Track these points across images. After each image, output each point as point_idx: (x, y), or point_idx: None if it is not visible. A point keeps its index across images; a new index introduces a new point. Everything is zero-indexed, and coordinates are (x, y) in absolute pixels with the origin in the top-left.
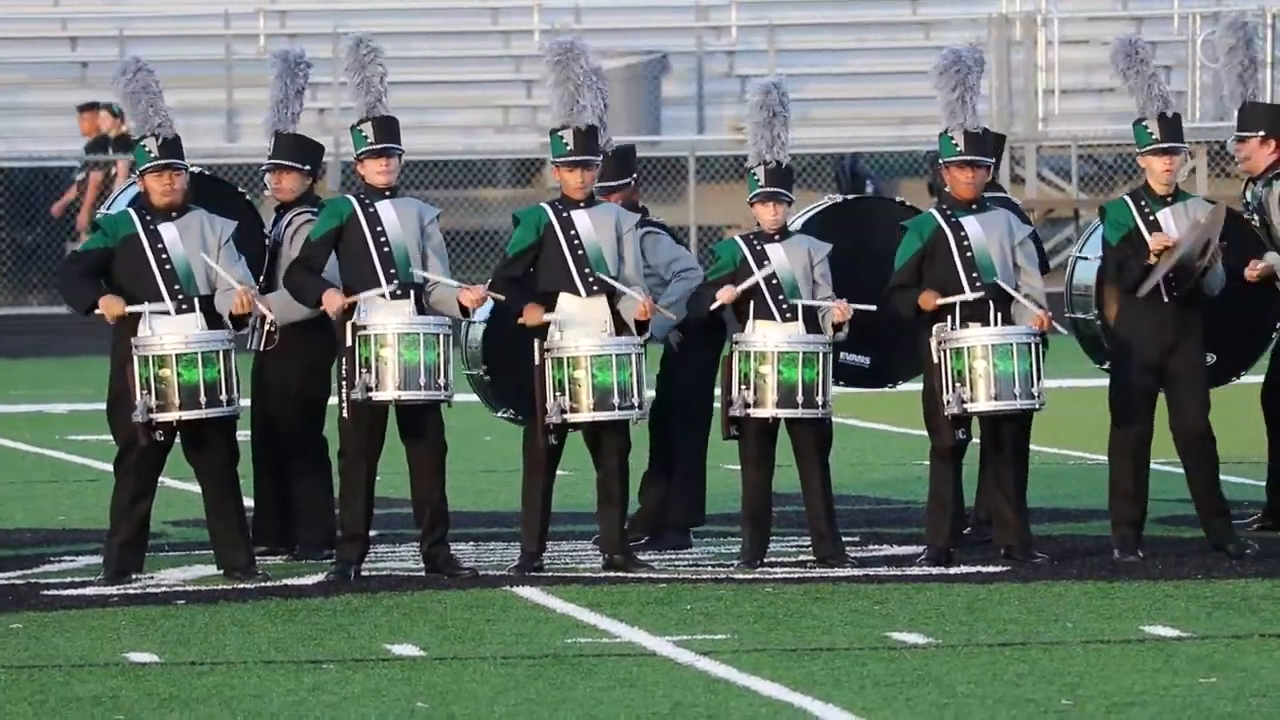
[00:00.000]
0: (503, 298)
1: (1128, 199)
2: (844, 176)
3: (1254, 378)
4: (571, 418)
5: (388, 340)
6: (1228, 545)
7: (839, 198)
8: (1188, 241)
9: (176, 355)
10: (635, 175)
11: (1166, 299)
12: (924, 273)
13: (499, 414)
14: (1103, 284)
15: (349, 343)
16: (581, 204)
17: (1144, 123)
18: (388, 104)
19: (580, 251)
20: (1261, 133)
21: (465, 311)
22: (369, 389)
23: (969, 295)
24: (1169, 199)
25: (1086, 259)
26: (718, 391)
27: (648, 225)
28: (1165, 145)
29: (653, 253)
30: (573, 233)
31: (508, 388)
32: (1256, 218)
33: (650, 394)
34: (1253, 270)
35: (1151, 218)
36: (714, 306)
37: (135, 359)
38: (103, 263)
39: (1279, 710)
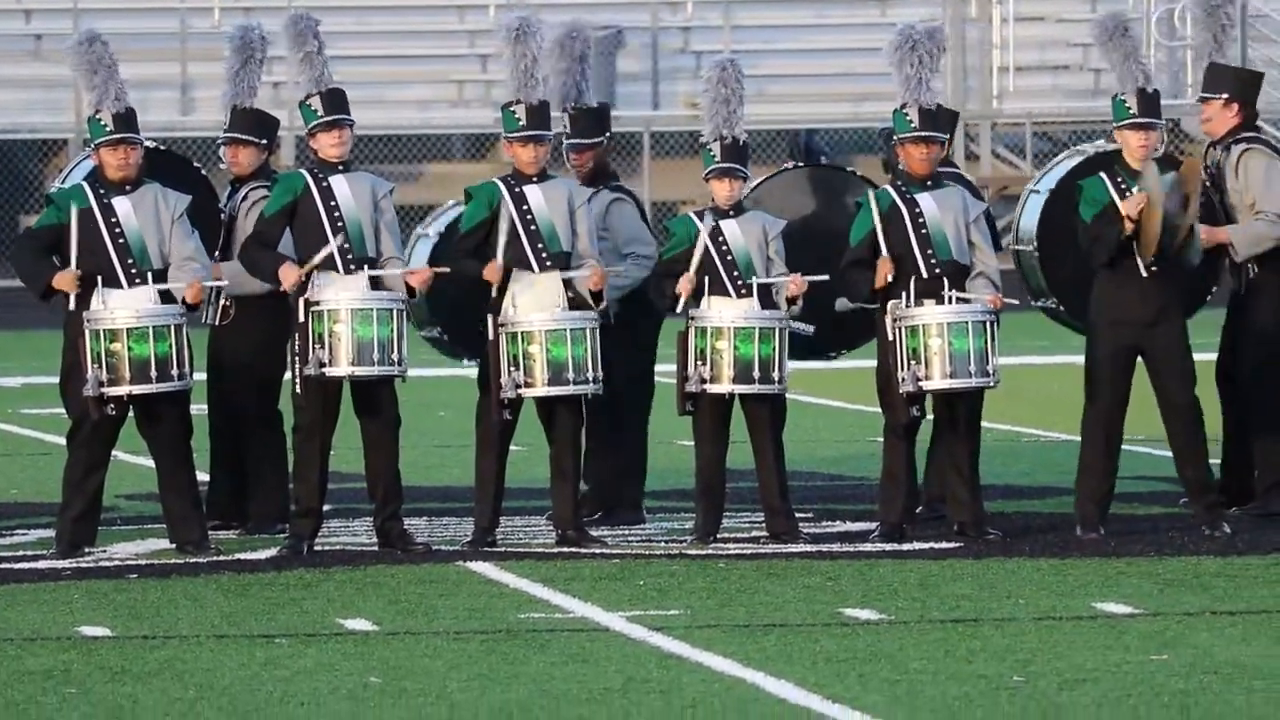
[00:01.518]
0: (446, 270)
1: (1103, 175)
2: (799, 153)
3: (1207, 355)
4: (526, 392)
5: (341, 316)
6: (1204, 524)
7: (795, 164)
8: (1167, 200)
9: (128, 329)
10: (608, 135)
11: (1145, 273)
12: (878, 249)
13: (468, 362)
14: (1046, 220)
15: (302, 318)
16: (534, 179)
17: (1122, 97)
18: (332, 76)
19: (533, 227)
20: (1225, 95)
21: (412, 293)
22: (322, 364)
23: (923, 271)
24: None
25: (1038, 192)
26: (664, 366)
27: (618, 192)
28: (1143, 120)
29: (616, 222)
30: (525, 208)
31: (469, 337)
32: (1212, 182)
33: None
34: (1210, 237)
35: (1129, 192)
36: (679, 307)
37: (87, 333)
38: (56, 239)
39: (1229, 687)
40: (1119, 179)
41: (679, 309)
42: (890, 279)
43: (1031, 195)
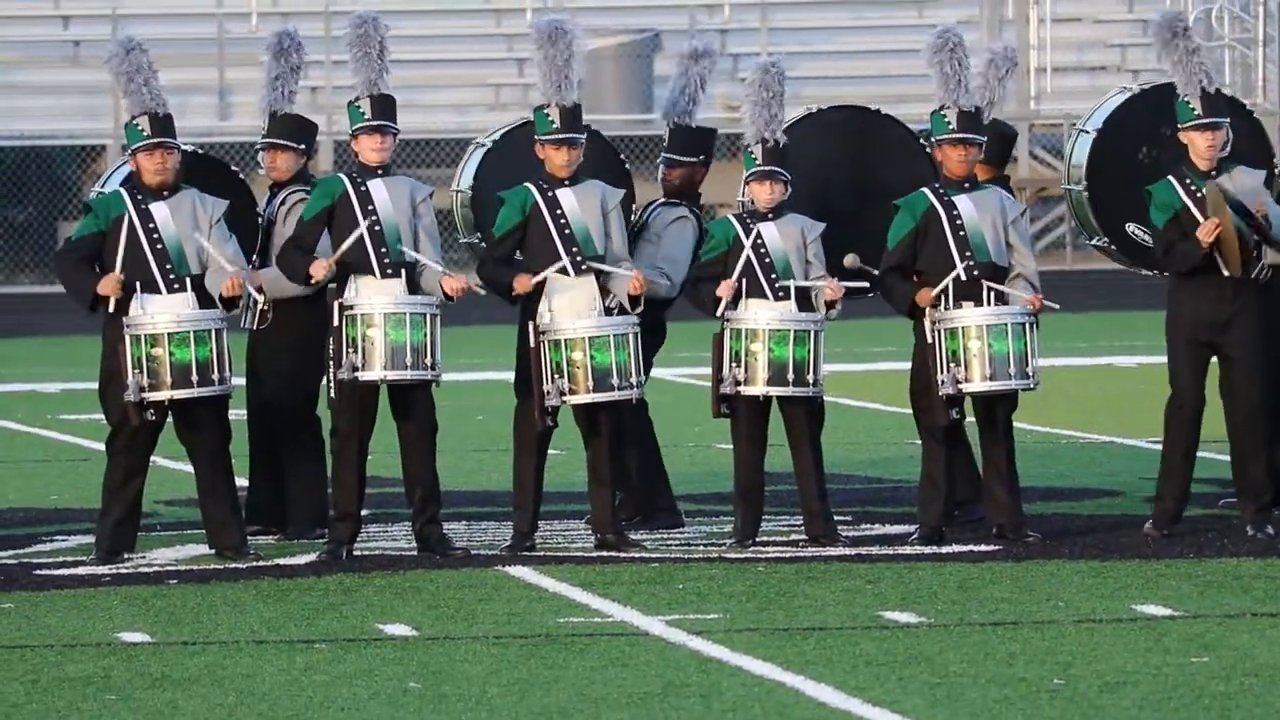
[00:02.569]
0: (483, 290)
1: (1172, 179)
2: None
3: None
4: (571, 399)
5: (374, 320)
6: (1250, 524)
7: (817, 107)
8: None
9: (169, 334)
10: (704, 158)
11: (1226, 273)
12: (917, 251)
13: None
14: (1094, 157)
15: (336, 322)
16: (566, 182)
17: (1186, 98)
18: (388, 81)
19: (567, 231)
20: None
21: (448, 297)
22: (355, 369)
23: (960, 272)
24: (1213, 174)
25: (1087, 132)
26: (700, 369)
27: (691, 212)
28: (1208, 120)
29: (670, 237)
30: (559, 211)
31: None
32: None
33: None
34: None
35: (1199, 195)
36: (721, 309)
37: (127, 338)
38: (96, 247)
39: (1270, 689)
40: (1188, 180)
41: (719, 312)
42: (929, 304)
43: (1080, 135)
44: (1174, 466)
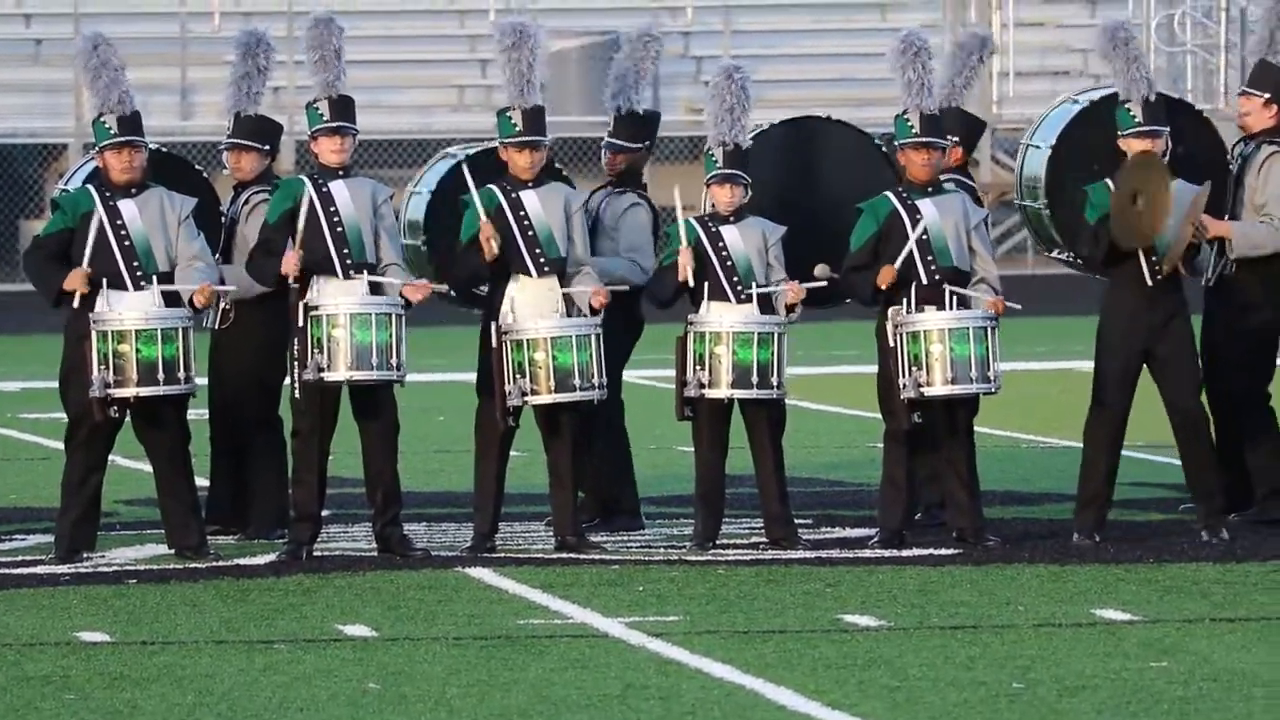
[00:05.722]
0: (445, 289)
1: (1109, 182)
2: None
3: None
4: (533, 400)
5: (340, 320)
6: (1205, 529)
7: (795, 115)
8: (1174, 229)
9: (136, 331)
10: (649, 143)
11: (1151, 281)
12: (879, 255)
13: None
14: (1051, 173)
15: (301, 322)
16: (530, 184)
17: (1127, 105)
18: (345, 83)
19: (530, 232)
20: (1267, 95)
21: (409, 304)
22: (321, 369)
23: (922, 278)
24: None
25: (1037, 147)
26: (663, 372)
27: (641, 198)
28: (1147, 128)
29: (627, 226)
30: (522, 213)
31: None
32: (1234, 171)
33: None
34: (1212, 228)
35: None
36: (677, 285)
37: (94, 334)
38: (65, 244)
39: (1229, 694)
40: None
41: (674, 299)
42: (891, 283)
43: (1030, 150)
44: (1096, 472)
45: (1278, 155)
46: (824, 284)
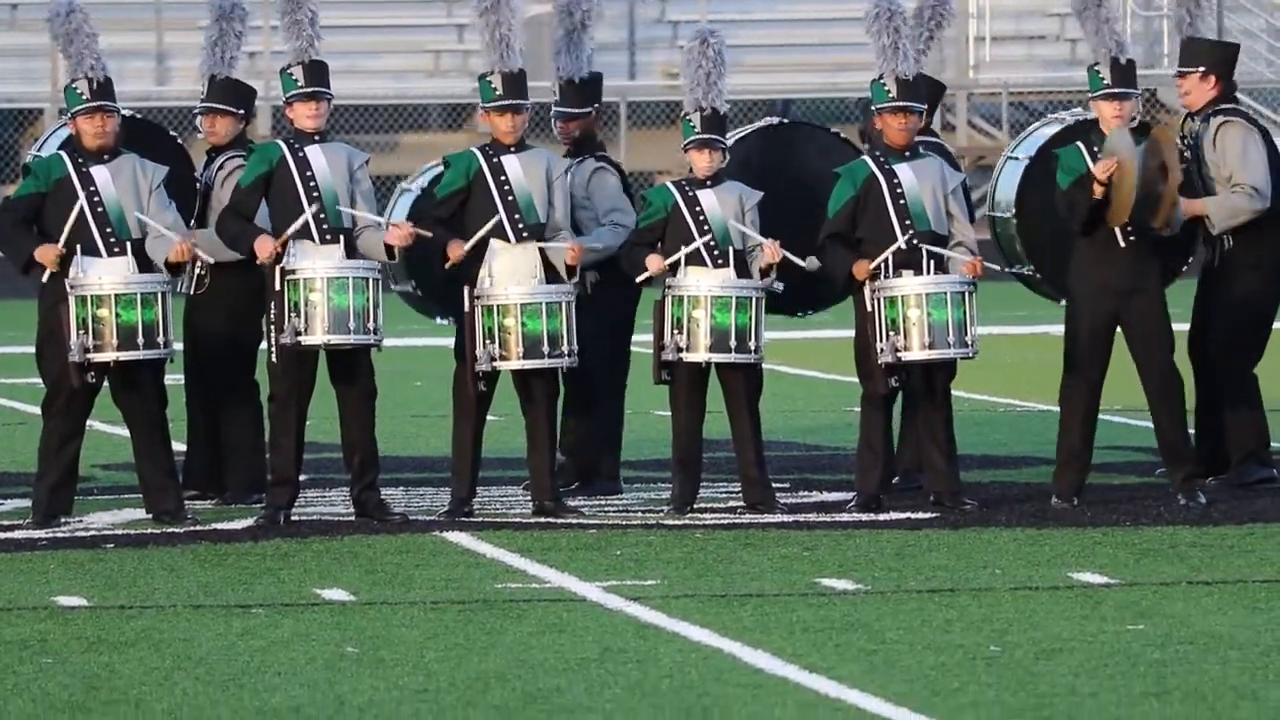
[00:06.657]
0: (429, 234)
1: (1080, 145)
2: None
3: (1180, 325)
4: (501, 365)
5: (316, 284)
6: (1180, 493)
7: (775, 120)
8: (1143, 168)
9: (115, 295)
10: (597, 106)
11: (1123, 243)
12: (857, 219)
13: (439, 320)
14: (1024, 189)
15: (277, 287)
16: (512, 149)
17: (1096, 67)
18: (319, 48)
19: (510, 197)
20: (1201, 69)
21: (391, 253)
22: (298, 333)
23: (901, 243)
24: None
25: (1016, 159)
26: (640, 336)
27: (602, 162)
28: (1117, 90)
29: (598, 191)
30: (503, 178)
31: (442, 293)
32: (1190, 154)
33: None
34: (1187, 208)
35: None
36: (642, 278)
37: (72, 299)
38: (35, 208)
39: (1205, 656)
40: (1095, 149)
41: (644, 282)
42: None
43: (1009, 162)
44: (1072, 435)
45: (1227, 124)
46: (805, 263)
